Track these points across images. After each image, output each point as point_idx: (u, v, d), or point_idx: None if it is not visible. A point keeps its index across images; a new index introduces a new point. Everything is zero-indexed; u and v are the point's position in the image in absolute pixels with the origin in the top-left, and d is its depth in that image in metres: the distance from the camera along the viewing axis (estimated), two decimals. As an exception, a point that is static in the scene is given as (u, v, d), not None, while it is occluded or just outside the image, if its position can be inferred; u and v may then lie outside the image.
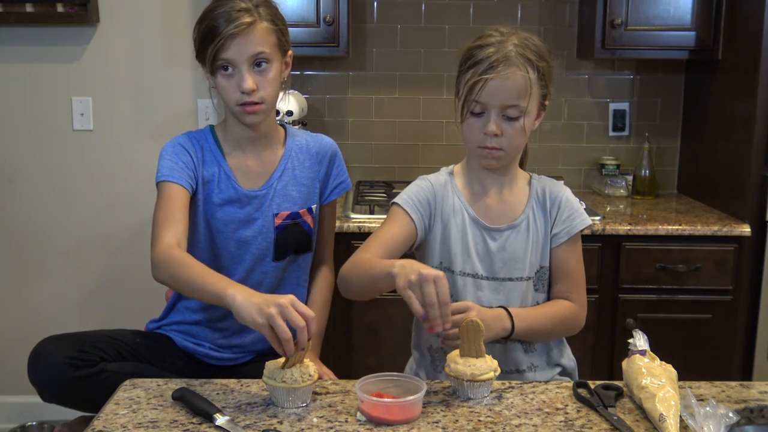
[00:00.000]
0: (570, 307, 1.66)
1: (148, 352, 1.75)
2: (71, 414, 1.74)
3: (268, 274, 1.81)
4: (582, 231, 1.67)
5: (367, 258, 1.55)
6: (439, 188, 1.66)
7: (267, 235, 1.79)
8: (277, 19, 1.73)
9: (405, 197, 1.66)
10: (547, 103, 1.61)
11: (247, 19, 1.64)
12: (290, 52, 1.78)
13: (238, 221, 1.77)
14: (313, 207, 1.84)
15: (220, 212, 1.77)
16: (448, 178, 1.69)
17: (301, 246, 1.84)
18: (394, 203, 1.67)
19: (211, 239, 1.79)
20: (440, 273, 1.34)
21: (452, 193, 1.66)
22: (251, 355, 1.86)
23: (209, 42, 1.65)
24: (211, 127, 1.82)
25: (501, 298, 1.63)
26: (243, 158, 1.79)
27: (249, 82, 1.66)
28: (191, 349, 1.82)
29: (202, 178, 1.75)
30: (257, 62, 1.67)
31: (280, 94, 1.77)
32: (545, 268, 1.66)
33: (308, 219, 1.83)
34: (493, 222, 1.64)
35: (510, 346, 1.64)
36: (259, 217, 1.78)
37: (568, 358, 1.74)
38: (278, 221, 1.79)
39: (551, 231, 1.66)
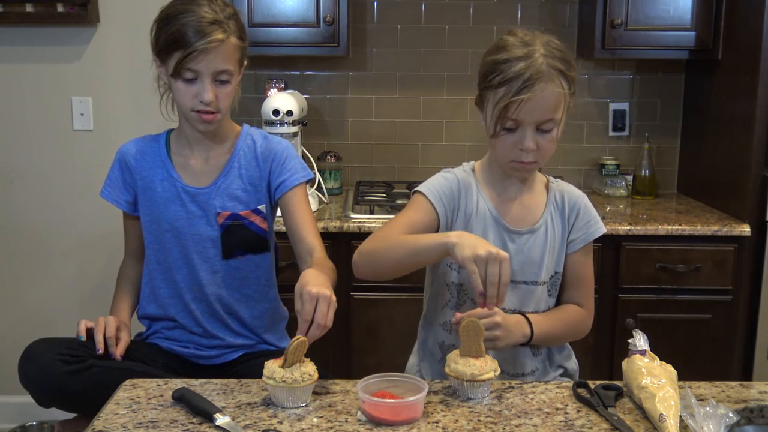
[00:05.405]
0: (580, 313, 1.67)
1: (139, 354, 1.75)
2: (71, 414, 1.74)
3: (220, 273, 1.81)
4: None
5: (403, 234, 1.52)
6: (463, 184, 1.63)
7: (212, 233, 1.80)
8: (243, 33, 1.75)
9: (430, 187, 1.61)
10: (570, 105, 1.56)
11: (220, 36, 1.65)
12: (245, 63, 1.79)
13: (183, 219, 1.79)
14: (261, 207, 1.82)
15: (165, 211, 1.80)
16: (471, 175, 1.66)
17: (253, 246, 1.83)
18: (417, 191, 1.62)
19: (159, 238, 1.82)
20: (506, 255, 1.37)
21: (476, 191, 1.63)
22: (239, 351, 1.84)
23: (177, 48, 1.65)
24: (169, 131, 1.87)
25: (515, 301, 1.62)
26: (189, 157, 1.83)
27: (210, 95, 1.68)
28: (177, 351, 1.83)
29: (142, 183, 1.82)
30: (220, 77, 1.69)
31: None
32: (559, 273, 1.65)
33: (255, 219, 1.82)
34: (514, 225, 1.62)
35: (519, 350, 1.63)
36: (203, 215, 1.80)
37: (572, 361, 1.74)
38: (221, 220, 1.80)
39: (568, 237, 1.65)
